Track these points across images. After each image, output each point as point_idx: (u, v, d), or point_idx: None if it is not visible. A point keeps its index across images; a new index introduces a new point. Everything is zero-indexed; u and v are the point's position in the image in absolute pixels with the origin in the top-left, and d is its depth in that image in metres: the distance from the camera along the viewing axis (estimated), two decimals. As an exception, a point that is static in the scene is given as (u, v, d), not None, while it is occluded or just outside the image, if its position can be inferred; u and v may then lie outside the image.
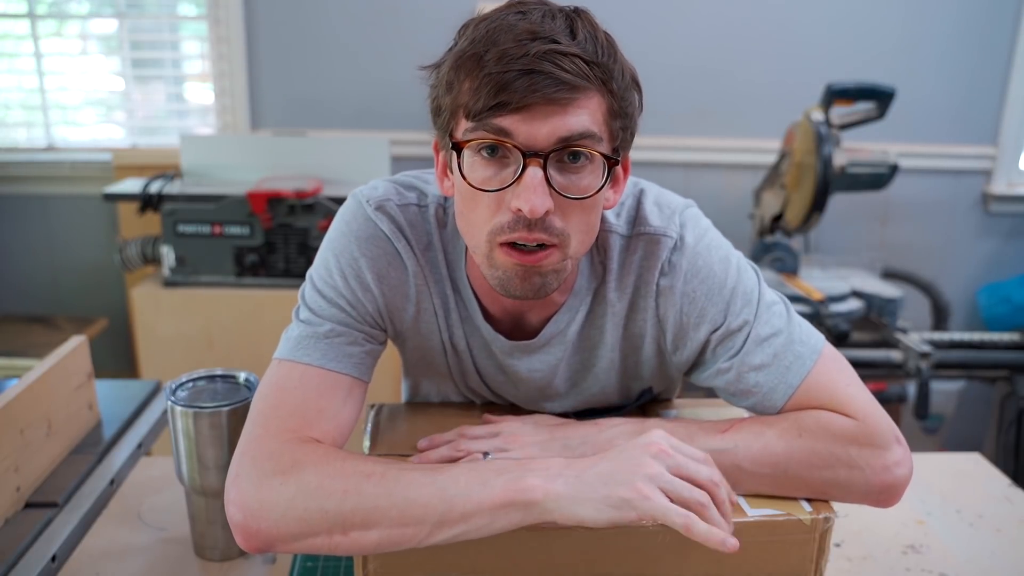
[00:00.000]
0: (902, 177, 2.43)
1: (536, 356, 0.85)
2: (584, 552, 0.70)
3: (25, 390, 0.95)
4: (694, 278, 0.79)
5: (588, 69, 0.67)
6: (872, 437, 0.74)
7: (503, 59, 0.65)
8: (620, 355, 0.86)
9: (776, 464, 0.74)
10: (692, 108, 2.62)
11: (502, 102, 0.66)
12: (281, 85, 2.62)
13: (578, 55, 0.66)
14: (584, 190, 0.70)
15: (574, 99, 0.67)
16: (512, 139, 0.67)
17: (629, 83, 0.72)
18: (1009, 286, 2.71)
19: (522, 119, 0.67)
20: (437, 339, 0.86)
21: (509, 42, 0.66)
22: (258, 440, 0.73)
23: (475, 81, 0.67)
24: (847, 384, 0.77)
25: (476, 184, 0.70)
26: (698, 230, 0.81)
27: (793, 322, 0.80)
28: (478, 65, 0.67)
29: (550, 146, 0.68)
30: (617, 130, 0.72)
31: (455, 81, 0.69)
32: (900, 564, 0.93)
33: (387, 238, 0.81)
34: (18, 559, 0.85)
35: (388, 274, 0.81)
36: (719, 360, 0.80)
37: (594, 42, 0.69)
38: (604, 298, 0.83)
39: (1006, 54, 2.64)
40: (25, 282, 2.74)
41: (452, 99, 0.70)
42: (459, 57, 0.69)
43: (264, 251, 2.17)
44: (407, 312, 0.84)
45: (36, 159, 2.63)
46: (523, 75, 0.65)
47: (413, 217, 0.82)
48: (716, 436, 0.75)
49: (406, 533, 0.66)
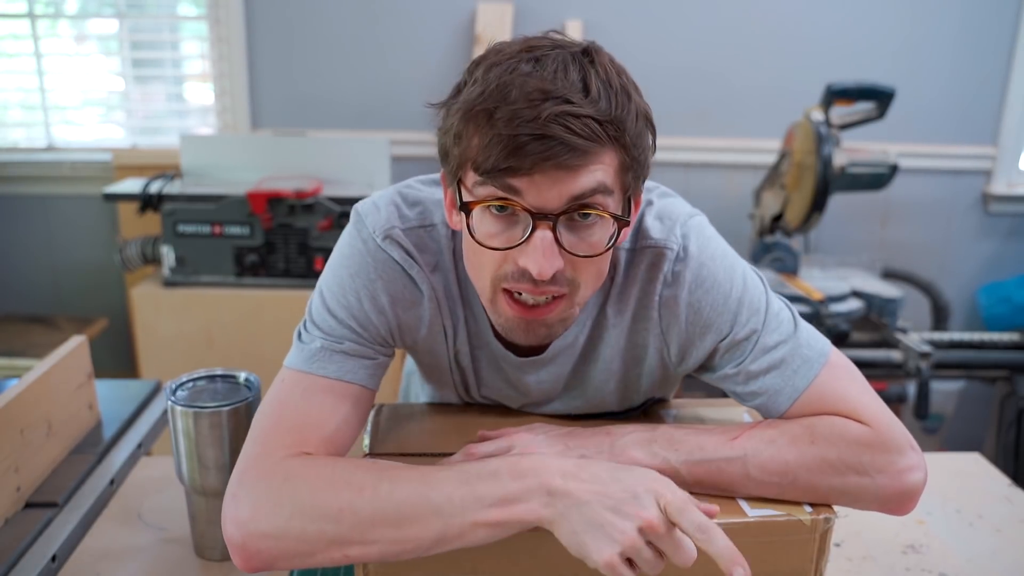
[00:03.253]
0: (902, 177, 2.43)
1: (545, 369, 0.85)
2: (584, 552, 0.70)
3: (25, 390, 0.95)
4: (699, 288, 0.78)
5: (601, 129, 0.65)
6: (887, 444, 0.74)
7: (513, 120, 0.63)
8: (621, 365, 0.85)
9: (786, 472, 0.73)
10: (692, 108, 2.63)
11: (512, 167, 0.64)
12: (281, 85, 2.62)
13: (591, 116, 0.64)
14: (594, 247, 0.69)
15: (585, 163, 0.65)
16: (521, 200, 0.66)
17: (642, 128, 0.70)
18: (1009, 286, 2.71)
19: (532, 182, 0.65)
20: (444, 357, 0.86)
21: (521, 101, 0.64)
22: (256, 459, 0.72)
23: (484, 138, 0.65)
24: (860, 391, 0.77)
25: (484, 241, 0.69)
26: (701, 240, 0.80)
27: (800, 328, 0.79)
28: (488, 122, 0.65)
29: (560, 207, 0.66)
30: (629, 181, 0.70)
31: (463, 134, 0.68)
32: (900, 564, 0.93)
33: (399, 265, 0.80)
34: (18, 559, 0.85)
35: (403, 296, 0.80)
36: (725, 367, 0.80)
37: (607, 93, 0.66)
38: (607, 311, 0.82)
39: (1006, 54, 2.64)
40: (25, 282, 2.74)
41: (461, 151, 0.69)
42: (468, 109, 0.67)
43: (264, 251, 2.17)
44: (419, 332, 0.83)
45: (36, 159, 2.63)
46: (534, 140, 0.63)
47: (420, 240, 0.81)
48: (726, 444, 0.74)
49: (406, 548, 0.66)
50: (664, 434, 0.76)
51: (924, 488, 0.75)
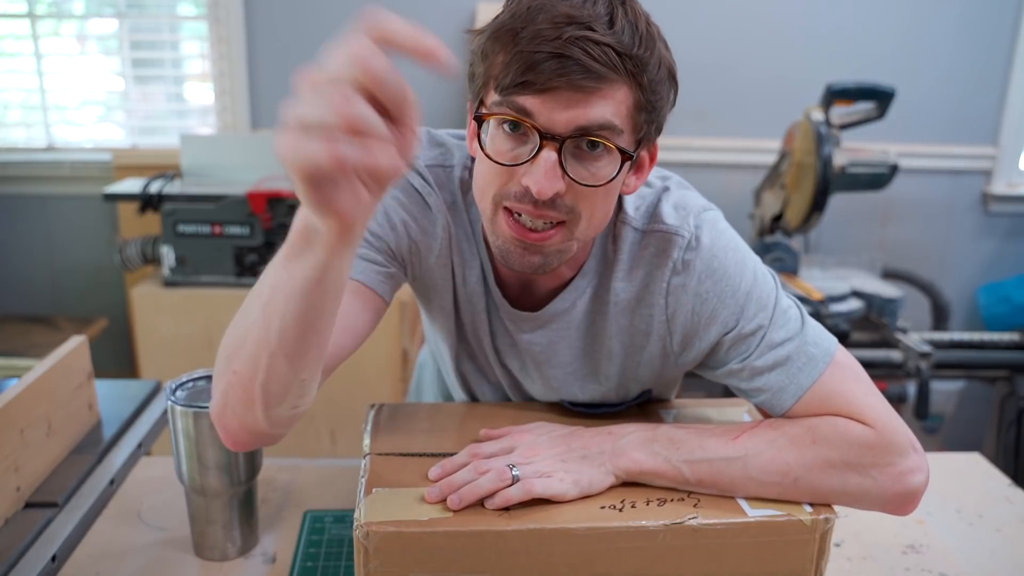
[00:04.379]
0: (902, 177, 2.43)
1: (540, 331, 0.86)
2: (584, 552, 0.70)
3: (25, 390, 0.95)
4: (708, 279, 0.79)
5: (619, 60, 0.67)
6: (888, 445, 0.74)
7: (536, 39, 0.66)
8: (621, 347, 0.85)
9: (787, 473, 0.73)
10: (692, 108, 2.63)
11: (527, 81, 0.66)
12: (281, 85, 2.62)
13: (611, 45, 0.66)
14: (597, 178, 0.71)
15: (599, 89, 0.67)
16: (532, 119, 0.68)
17: (664, 77, 0.72)
18: (1009, 286, 2.71)
19: (544, 101, 0.67)
20: (449, 294, 0.88)
21: (546, 23, 0.66)
22: None
23: (507, 56, 0.68)
24: (864, 392, 0.77)
25: (493, 156, 0.71)
26: (715, 232, 0.80)
27: (807, 326, 0.79)
28: (513, 40, 0.67)
29: (568, 132, 0.68)
30: (642, 123, 0.72)
31: (490, 52, 0.70)
32: (900, 564, 0.93)
33: (418, 193, 0.83)
34: (18, 559, 0.85)
35: (419, 220, 0.83)
36: (731, 362, 0.80)
37: (632, 32, 0.68)
38: (610, 286, 0.83)
39: (1006, 54, 2.64)
40: (25, 282, 2.74)
41: (485, 69, 0.71)
42: (498, 29, 0.69)
43: (264, 251, 2.17)
44: (429, 258, 0.85)
45: (36, 159, 2.63)
46: (552, 58, 0.65)
47: (438, 177, 0.84)
48: (727, 444, 0.75)
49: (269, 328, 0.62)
50: (665, 434, 0.76)
51: (926, 489, 0.75)
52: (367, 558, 0.69)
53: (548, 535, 0.69)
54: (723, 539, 0.70)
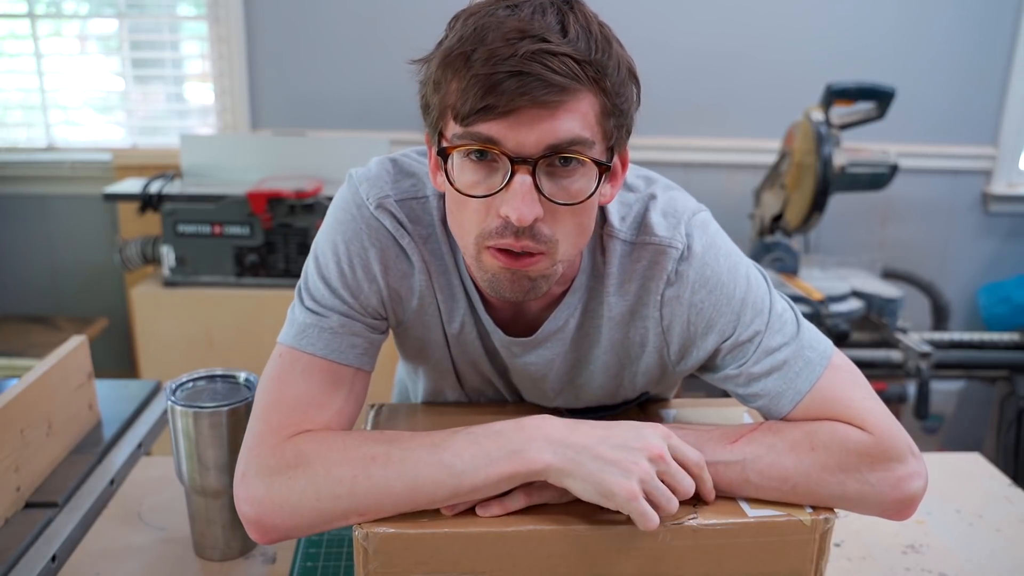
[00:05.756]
0: (902, 177, 2.43)
1: (534, 352, 0.84)
2: (584, 552, 0.70)
3: (25, 390, 0.95)
4: (702, 288, 0.78)
5: (579, 69, 0.64)
6: (887, 451, 0.73)
7: (490, 59, 0.63)
8: (615, 359, 0.85)
9: (785, 478, 0.73)
10: (692, 108, 2.62)
11: (489, 105, 0.63)
12: (281, 85, 2.62)
13: (569, 54, 0.64)
14: (575, 195, 0.69)
15: (563, 102, 0.64)
16: (500, 146, 0.65)
17: (625, 78, 0.69)
18: (1009, 286, 2.71)
19: (509, 125, 0.64)
20: (439, 331, 0.86)
21: (498, 41, 0.63)
22: (262, 436, 0.73)
23: (462, 82, 0.65)
24: (862, 396, 0.76)
25: (463, 190, 0.69)
26: (706, 238, 0.79)
27: (803, 329, 0.79)
28: (465, 64, 0.64)
29: (539, 152, 0.66)
30: (611, 129, 0.70)
31: (443, 80, 0.67)
32: (900, 564, 0.93)
33: (391, 235, 0.80)
34: (18, 559, 0.85)
35: (395, 266, 0.80)
36: (727, 368, 0.80)
37: (587, 37, 0.65)
38: (602, 300, 0.81)
39: (1006, 54, 2.64)
40: (25, 282, 2.74)
41: (440, 99, 0.68)
42: (447, 55, 0.66)
43: (264, 251, 2.17)
44: (411, 304, 0.83)
45: (36, 159, 2.63)
46: (511, 76, 0.62)
47: (412, 211, 0.81)
48: (725, 447, 0.74)
49: (420, 506, 0.69)
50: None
51: (924, 494, 0.75)
52: (367, 559, 0.69)
53: (548, 535, 0.69)
54: (723, 539, 0.70)
